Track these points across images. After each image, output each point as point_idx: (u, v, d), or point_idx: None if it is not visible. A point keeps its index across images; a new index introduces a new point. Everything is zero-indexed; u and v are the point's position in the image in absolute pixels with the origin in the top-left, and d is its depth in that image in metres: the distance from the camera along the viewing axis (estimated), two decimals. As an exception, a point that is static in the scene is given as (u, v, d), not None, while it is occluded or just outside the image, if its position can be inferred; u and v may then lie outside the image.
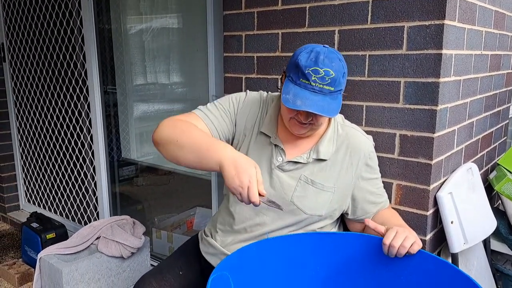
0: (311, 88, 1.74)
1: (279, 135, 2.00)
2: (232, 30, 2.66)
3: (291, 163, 1.97)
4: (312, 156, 1.96)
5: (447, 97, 2.10)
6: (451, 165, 2.30)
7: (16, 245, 4.49)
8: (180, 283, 2.14)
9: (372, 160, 2.03)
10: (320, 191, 1.95)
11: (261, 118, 2.04)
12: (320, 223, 2.00)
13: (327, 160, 1.97)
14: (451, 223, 2.18)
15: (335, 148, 1.98)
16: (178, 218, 4.01)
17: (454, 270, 1.61)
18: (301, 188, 1.95)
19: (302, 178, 1.96)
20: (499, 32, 2.69)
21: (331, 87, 1.75)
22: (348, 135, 2.01)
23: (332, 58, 1.75)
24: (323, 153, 1.96)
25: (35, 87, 4.60)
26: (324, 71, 1.73)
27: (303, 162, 1.96)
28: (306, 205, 1.94)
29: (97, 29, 3.75)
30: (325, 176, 1.96)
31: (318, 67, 1.73)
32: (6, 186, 5.08)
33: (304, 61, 1.75)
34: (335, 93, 1.77)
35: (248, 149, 2.02)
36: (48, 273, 2.95)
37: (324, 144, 1.97)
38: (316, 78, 1.73)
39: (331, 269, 1.82)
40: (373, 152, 2.04)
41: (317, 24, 2.32)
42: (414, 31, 2.03)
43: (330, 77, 1.73)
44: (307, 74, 1.73)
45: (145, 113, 3.93)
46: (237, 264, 1.67)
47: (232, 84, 2.72)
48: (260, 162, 1.96)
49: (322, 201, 1.96)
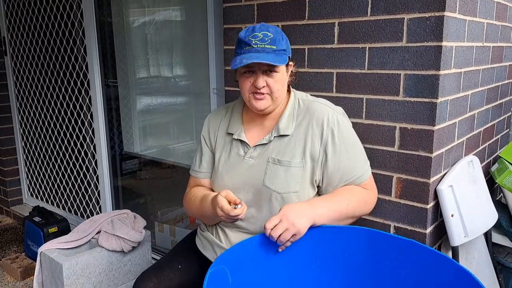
0: (254, 50, 1.88)
1: (245, 127, 2.10)
2: (232, 23, 2.65)
3: (257, 148, 2.04)
4: (274, 134, 2.02)
5: (448, 89, 2.09)
6: (452, 158, 2.28)
7: (19, 239, 4.50)
8: (180, 278, 2.14)
9: (339, 131, 1.96)
10: (289, 168, 1.96)
11: (226, 121, 2.17)
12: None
13: (289, 136, 2.00)
14: (452, 216, 2.17)
15: (297, 123, 2.02)
16: (181, 211, 4.01)
17: (453, 264, 1.60)
18: (270, 170, 1.98)
19: (270, 160, 1.99)
20: (501, 23, 2.68)
21: (273, 46, 1.89)
22: (309, 108, 2.03)
23: (268, 26, 1.94)
24: (283, 129, 2.01)
25: (36, 81, 4.61)
26: (262, 34, 1.89)
27: (266, 142, 2.02)
28: (278, 184, 1.96)
29: (97, 22, 3.75)
30: (291, 153, 1.98)
31: (255, 32, 1.90)
32: (9, 180, 5.09)
33: (243, 33, 1.92)
34: (278, 51, 1.90)
35: (221, 155, 2.14)
36: (48, 268, 2.95)
37: (284, 120, 2.02)
38: (256, 41, 1.88)
39: (328, 262, 1.81)
40: (340, 123, 1.98)
41: (317, 16, 2.31)
42: (414, 23, 2.02)
43: (269, 37, 1.89)
44: (247, 41, 1.89)
45: (147, 106, 3.93)
46: (234, 258, 1.67)
47: (232, 77, 2.70)
48: (230, 160, 2.09)
49: (292, 177, 1.96)
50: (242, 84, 1.97)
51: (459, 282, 1.55)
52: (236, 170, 2.05)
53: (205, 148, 2.20)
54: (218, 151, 2.15)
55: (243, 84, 1.97)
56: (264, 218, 1.96)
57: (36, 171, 4.98)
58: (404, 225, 2.19)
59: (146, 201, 4.48)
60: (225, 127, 2.15)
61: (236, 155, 2.08)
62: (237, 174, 2.04)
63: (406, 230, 2.19)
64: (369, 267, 1.78)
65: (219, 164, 2.11)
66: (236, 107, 2.19)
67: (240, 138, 2.07)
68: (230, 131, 2.12)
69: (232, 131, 2.11)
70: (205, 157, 2.20)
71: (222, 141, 2.14)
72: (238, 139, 2.08)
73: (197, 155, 2.25)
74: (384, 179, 2.18)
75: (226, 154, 2.11)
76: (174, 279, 2.13)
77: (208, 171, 2.20)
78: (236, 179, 2.04)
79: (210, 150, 2.19)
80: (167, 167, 4.36)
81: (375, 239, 1.76)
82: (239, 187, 2.02)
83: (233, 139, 2.10)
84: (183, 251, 2.28)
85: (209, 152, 2.19)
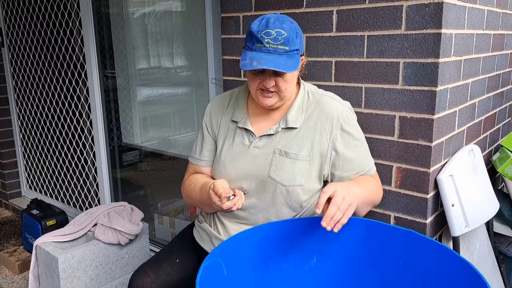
0: (266, 50, 1.80)
1: (250, 116, 2.05)
2: (229, 11, 2.62)
3: (263, 138, 2.00)
4: (282, 126, 1.98)
5: (447, 77, 2.06)
6: (452, 147, 2.26)
7: (17, 232, 4.49)
8: (177, 271, 2.12)
9: (348, 125, 1.96)
10: (295, 160, 1.94)
11: (230, 109, 2.11)
12: (303, 196, 1.96)
13: (298, 129, 1.97)
14: (452, 206, 2.14)
15: (306, 116, 1.98)
16: (181, 203, 3.99)
17: (453, 255, 1.58)
18: (276, 161, 1.95)
19: (276, 151, 1.96)
20: (502, 11, 2.64)
21: (285, 46, 1.81)
22: (319, 102, 2.00)
23: (283, 20, 1.83)
24: (292, 121, 1.97)
25: (34, 73, 4.58)
26: (275, 31, 1.80)
27: (273, 133, 1.98)
28: (283, 177, 1.93)
29: (95, 13, 3.72)
30: (298, 145, 1.95)
31: (269, 29, 1.80)
32: (7, 173, 5.07)
33: (256, 27, 1.83)
34: (290, 52, 1.83)
35: (224, 143, 2.08)
36: (44, 261, 2.93)
37: (293, 113, 1.98)
38: (269, 39, 1.80)
39: (326, 253, 1.79)
40: (349, 117, 1.98)
41: (315, 4, 2.28)
42: (413, 10, 1.99)
43: (283, 36, 1.80)
44: (260, 38, 1.81)
45: (147, 97, 3.91)
46: (230, 251, 1.65)
47: (230, 67, 2.68)
48: (234, 148, 2.04)
49: (298, 170, 1.93)
50: (250, 80, 1.92)
51: (459, 273, 1.53)
52: (240, 159, 2.02)
53: (207, 135, 2.15)
54: (221, 138, 2.10)
55: (251, 81, 1.92)
56: (266, 209, 1.96)
57: (34, 163, 4.96)
58: (404, 215, 2.17)
59: (146, 193, 4.47)
60: (230, 114, 2.10)
61: (240, 144, 2.03)
62: (240, 163, 2.01)
63: (406, 220, 2.16)
64: (368, 258, 1.76)
65: (222, 152, 2.07)
66: (241, 94, 2.13)
67: (245, 126, 2.02)
68: (235, 118, 2.07)
69: (237, 119, 2.06)
70: (207, 144, 2.15)
71: (226, 128, 2.09)
72: (243, 127, 2.03)
73: (198, 142, 2.19)
74: (383, 168, 2.15)
75: (230, 142, 2.06)
76: (172, 274, 2.11)
77: (209, 159, 2.15)
78: (239, 168, 2.00)
79: (212, 138, 2.14)
80: (167, 159, 4.34)
81: (374, 230, 1.74)
82: (242, 176, 1.99)
83: (237, 127, 2.05)
84: (180, 245, 2.26)
85: (211, 140, 2.14)
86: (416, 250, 1.65)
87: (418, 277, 1.65)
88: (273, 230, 1.77)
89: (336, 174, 1.97)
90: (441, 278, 1.59)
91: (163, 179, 4.57)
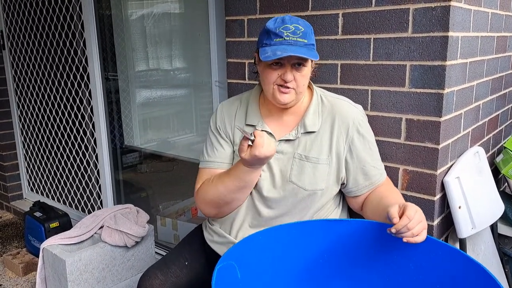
0: (287, 42, 1.82)
1: (264, 119, 2.04)
2: (234, 14, 2.63)
3: (282, 143, 1.99)
4: (300, 131, 1.98)
5: (454, 80, 2.07)
6: (458, 149, 2.27)
7: (20, 234, 4.48)
8: (186, 273, 2.13)
9: (363, 128, 1.98)
10: (316, 165, 1.94)
11: (242, 113, 2.09)
12: (322, 199, 1.98)
13: (316, 132, 1.97)
14: (459, 208, 2.15)
15: (322, 119, 1.99)
16: (183, 204, 3.99)
17: (463, 256, 1.59)
18: (297, 166, 1.95)
19: (296, 156, 1.96)
20: (505, 13, 2.65)
21: (304, 39, 1.83)
22: (334, 105, 2.00)
23: (297, 19, 1.88)
24: (310, 126, 1.97)
25: (35, 75, 4.58)
26: (293, 26, 1.83)
27: (292, 138, 1.98)
28: (305, 181, 1.94)
29: (97, 15, 3.72)
30: (318, 149, 1.96)
31: (286, 24, 1.83)
32: (9, 175, 5.06)
33: (273, 24, 1.85)
34: (309, 45, 1.85)
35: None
36: (51, 264, 2.93)
37: (310, 117, 1.98)
38: (288, 33, 1.82)
39: (336, 256, 1.80)
40: (363, 120, 2.00)
41: (321, 7, 2.29)
42: (420, 13, 2.00)
43: (301, 30, 1.83)
44: (279, 33, 1.82)
45: (148, 99, 3.90)
46: (243, 253, 1.65)
47: (235, 70, 2.69)
48: None
49: (319, 174, 1.94)
50: (268, 75, 1.90)
51: (469, 275, 1.54)
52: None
53: (221, 138, 2.10)
54: (236, 142, 2.07)
55: (269, 76, 1.89)
56: (287, 214, 1.98)
57: (36, 165, 4.95)
58: (411, 217, 2.17)
59: (147, 195, 4.46)
60: (242, 118, 2.08)
61: None
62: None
63: (412, 223, 2.17)
64: (376, 260, 1.76)
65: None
66: (252, 98, 2.10)
67: (264, 129, 1.99)
68: (250, 122, 2.05)
69: (253, 123, 2.04)
70: (221, 147, 2.09)
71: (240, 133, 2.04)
72: (262, 130, 1.98)
73: (209, 146, 2.12)
74: (390, 171, 2.16)
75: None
76: (181, 276, 2.11)
77: (227, 161, 2.08)
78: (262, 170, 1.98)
79: (228, 140, 2.09)
80: (168, 160, 4.34)
81: (382, 232, 1.74)
82: (262, 180, 1.98)
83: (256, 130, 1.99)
84: (188, 246, 2.26)
85: (225, 142, 2.09)
86: (425, 252, 1.66)
87: (428, 279, 1.66)
88: (286, 231, 1.77)
89: (351, 177, 1.98)
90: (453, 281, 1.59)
91: (163, 180, 4.57)
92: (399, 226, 1.57)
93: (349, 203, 2.12)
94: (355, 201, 2.05)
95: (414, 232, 1.57)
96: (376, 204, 1.90)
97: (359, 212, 2.07)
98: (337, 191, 2.01)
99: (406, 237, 1.57)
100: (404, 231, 1.57)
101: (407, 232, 1.57)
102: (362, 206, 2.03)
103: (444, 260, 1.62)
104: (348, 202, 2.12)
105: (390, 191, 2.00)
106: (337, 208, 2.08)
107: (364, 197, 2.01)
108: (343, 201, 2.13)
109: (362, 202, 2.02)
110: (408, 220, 1.56)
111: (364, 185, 1.99)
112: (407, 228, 1.56)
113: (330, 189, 1.98)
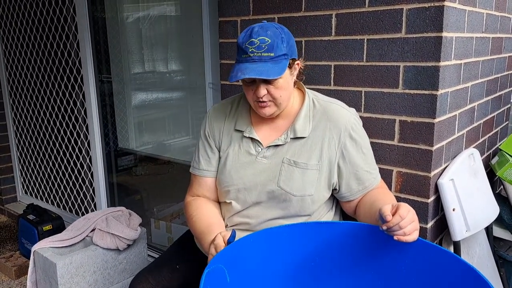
0: (251, 59, 1.80)
1: (254, 125, 2.02)
2: (227, 16, 2.61)
3: (271, 148, 1.96)
4: (290, 136, 1.95)
5: (448, 81, 2.05)
6: (452, 151, 2.25)
7: (13, 237, 4.47)
8: (177, 277, 2.11)
9: (356, 133, 1.94)
10: (305, 170, 1.91)
11: (232, 118, 2.07)
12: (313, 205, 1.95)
13: (306, 138, 1.94)
14: (453, 211, 2.13)
15: (313, 124, 1.95)
16: (177, 207, 3.97)
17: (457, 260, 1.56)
18: (285, 171, 1.92)
19: (285, 161, 1.93)
20: (501, 14, 2.64)
21: (270, 53, 1.80)
22: (326, 109, 1.97)
23: (267, 28, 1.83)
24: (300, 131, 1.94)
25: (29, 77, 4.56)
26: (259, 40, 1.80)
27: (281, 143, 1.95)
28: (293, 187, 1.91)
29: (91, 17, 3.70)
30: (307, 155, 1.93)
31: (252, 38, 1.80)
32: (3, 178, 5.05)
33: (242, 38, 1.84)
34: (277, 58, 1.81)
35: (228, 153, 2.03)
36: (42, 267, 2.91)
37: (300, 122, 1.95)
38: (253, 48, 1.80)
39: (328, 259, 1.77)
40: (356, 125, 1.96)
41: (314, 8, 2.27)
42: (413, 13, 1.98)
43: (266, 43, 1.80)
44: (244, 49, 1.81)
45: (143, 102, 3.89)
46: (233, 257, 1.62)
47: (228, 71, 2.66)
48: (240, 158, 2.00)
49: (308, 180, 1.91)
50: (246, 92, 1.91)
51: (463, 279, 1.52)
52: (247, 169, 1.97)
53: (211, 144, 2.09)
54: (224, 147, 2.05)
55: (247, 92, 1.90)
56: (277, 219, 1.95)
57: (30, 168, 4.93)
58: (405, 220, 2.15)
59: (142, 197, 4.44)
60: (232, 123, 2.06)
61: (247, 154, 1.99)
62: (248, 173, 1.97)
63: (406, 225, 2.15)
64: (369, 263, 1.74)
65: (227, 162, 2.01)
66: (242, 103, 2.08)
67: (251, 136, 1.98)
68: (239, 128, 2.03)
69: (241, 128, 2.02)
70: (210, 154, 2.08)
71: (229, 137, 2.05)
72: (249, 137, 1.99)
73: (199, 152, 2.11)
74: (384, 173, 2.14)
75: (235, 152, 2.01)
76: (173, 280, 2.09)
77: (214, 169, 2.08)
78: (247, 178, 1.96)
79: (216, 147, 2.09)
80: (163, 163, 4.32)
81: (375, 235, 1.72)
82: (250, 187, 1.96)
83: (243, 136, 2.01)
84: (179, 249, 2.23)
85: (214, 149, 2.08)
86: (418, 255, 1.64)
87: (420, 282, 1.64)
88: (276, 235, 1.75)
89: (344, 182, 1.95)
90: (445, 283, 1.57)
91: (158, 183, 4.55)
92: (391, 224, 1.55)
93: (342, 207, 2.09)
94: (348, 205, 2.03)
95: (406, 231, 1.55)
96: (369, 207, 1.88)
97: (352, 215, 2.04)
98: (327, 196, 1.98)
99: (397, 235, 1.56)
100: (396, 229, 1.55)
101: (398, 231, 1.55)
102: (356, 210, 2.01)
103: (434, 262, 1.60)
104: (342, 206, 2.09)
105: (384, 194, 1.97)
106: (329, 212, 2.06)
107: (357, 201, 1.99)
108: (336, 205, 2.11)
109: (356, 205, 2.00)
110: (401, 218, 1.54)
111: (357, 189, 1.96)
112: (399, 227, 1.55)
113: (321, 195, 1.95)
